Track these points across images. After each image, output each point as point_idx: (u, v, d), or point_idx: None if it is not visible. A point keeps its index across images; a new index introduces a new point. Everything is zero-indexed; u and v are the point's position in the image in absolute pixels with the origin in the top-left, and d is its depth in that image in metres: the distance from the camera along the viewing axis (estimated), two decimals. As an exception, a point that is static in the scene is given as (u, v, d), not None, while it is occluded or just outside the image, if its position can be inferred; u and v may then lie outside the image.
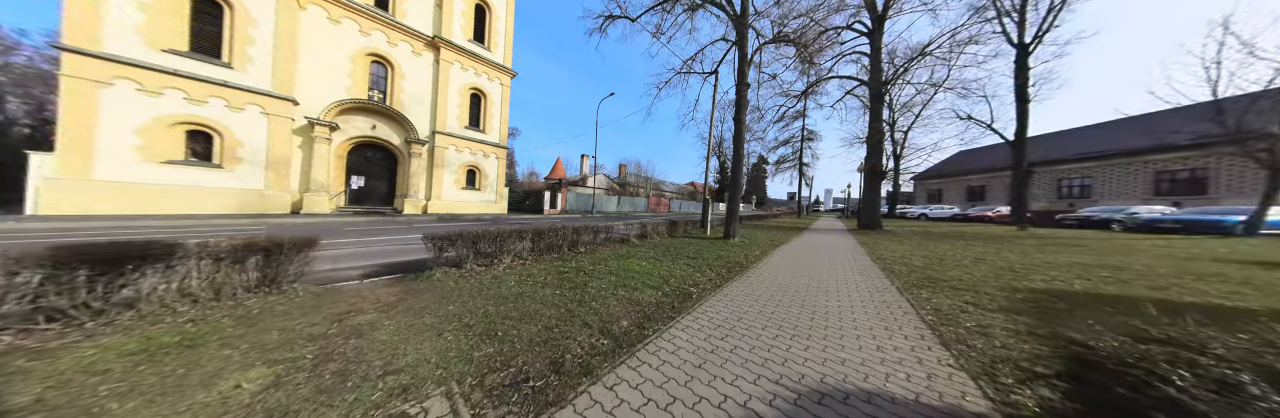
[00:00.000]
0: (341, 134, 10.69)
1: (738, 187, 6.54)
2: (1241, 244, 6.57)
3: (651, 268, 3.56)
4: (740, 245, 5.80)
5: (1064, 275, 3.61)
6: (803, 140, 27.42)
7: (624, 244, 5.42)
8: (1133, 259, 4.81)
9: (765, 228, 11.00)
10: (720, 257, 4.53)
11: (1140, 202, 14.41)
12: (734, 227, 6.57)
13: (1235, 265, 4.31)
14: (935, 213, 19.20)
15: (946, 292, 2.86)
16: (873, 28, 11.15)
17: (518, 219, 12.67)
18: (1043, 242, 7.21)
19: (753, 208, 46.42)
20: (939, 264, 4.26)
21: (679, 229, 7.44)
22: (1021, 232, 9.90)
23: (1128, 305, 2.43)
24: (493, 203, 15.65)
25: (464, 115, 14.10)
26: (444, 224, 8.95)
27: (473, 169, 14.84)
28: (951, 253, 5.37)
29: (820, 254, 5.12)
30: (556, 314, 2.02)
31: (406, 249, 4.47)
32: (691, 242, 6.07)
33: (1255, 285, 3.16)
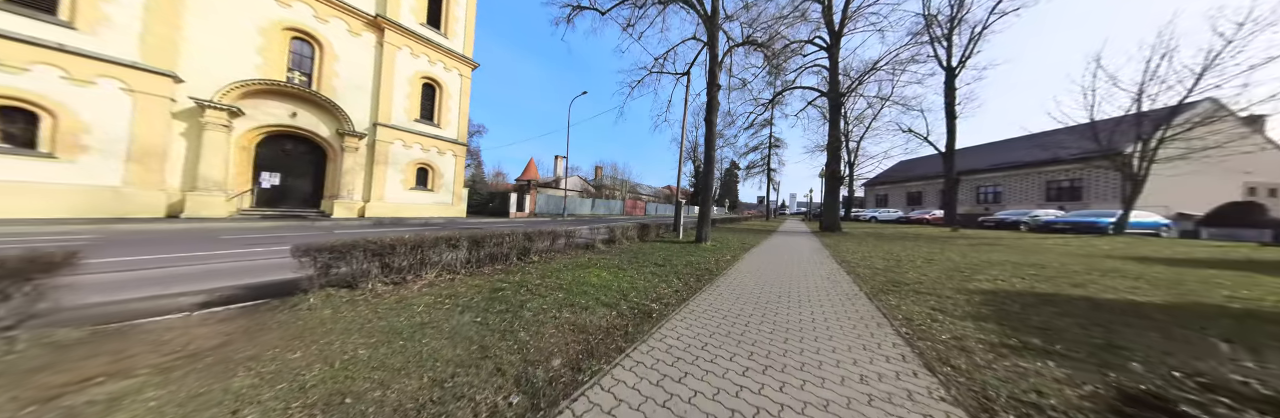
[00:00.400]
0: (248, 121, 8.85)
1: (710, 189, 6.37)
2: (1116, 242, 7.87)
3: (611, 280, 3.10)
4: (712, 250, 5.58)
5: (1002, 274, 3.90)
6: (770, 147, 29.07)
7: (588, 251, 4.91)
8: (1047, 257, 5.42)
9: (737, 231, 11.14)
10: (690, 263, 4.21)
11: (1036, 206, 17.14)
12: (706, 230, 6.36)
13: (1121, 261, 5.03)
14: (883, 216, 21.21)
15: (912, 297, 2.80)
16: (831, 43, 12.03)
17: (474, 223, 11.48)
18: (973, 242, 8.04)
19: (726, 211, 48.03)
20: (897, 266, 4.37)
21: (651, 233, 7.09)
22: (954, 232, 11.08)
23: (1065, 305, 2.61)
24: (449, 205, 14.11)
25: (414, 107, 12.61)
26: (374, 229, 7.67)
27: (424, 167, 13.28)
28: (904, 254, 5.66)
29: (789, 258, 5.05)
30: (461, 355, 1.48)
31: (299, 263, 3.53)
32: (662, 247, 5.73)
33: (1148, 280, 3.63)
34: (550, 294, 2.51)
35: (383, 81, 11.39)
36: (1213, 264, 4.95)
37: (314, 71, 10.09)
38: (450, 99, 13.85)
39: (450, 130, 14.03)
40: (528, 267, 3.53)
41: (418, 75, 12.57)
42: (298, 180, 10.33)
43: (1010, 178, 18.87)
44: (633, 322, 2.03)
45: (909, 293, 2.94)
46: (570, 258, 4.18)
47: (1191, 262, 5.16)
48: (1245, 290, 3.23)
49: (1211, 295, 3.05)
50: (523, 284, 2.76)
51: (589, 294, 2.55)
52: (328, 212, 10.42)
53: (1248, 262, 5.22)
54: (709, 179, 6.37)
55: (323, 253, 2.20)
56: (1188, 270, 4.33)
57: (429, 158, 13.27)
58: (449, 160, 14.06)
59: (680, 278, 3.34)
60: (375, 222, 9.51)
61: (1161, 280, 3.63)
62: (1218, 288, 3.32)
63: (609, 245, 5.49)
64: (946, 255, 5.52)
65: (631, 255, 4.63)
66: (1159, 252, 6.27)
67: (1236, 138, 8.21)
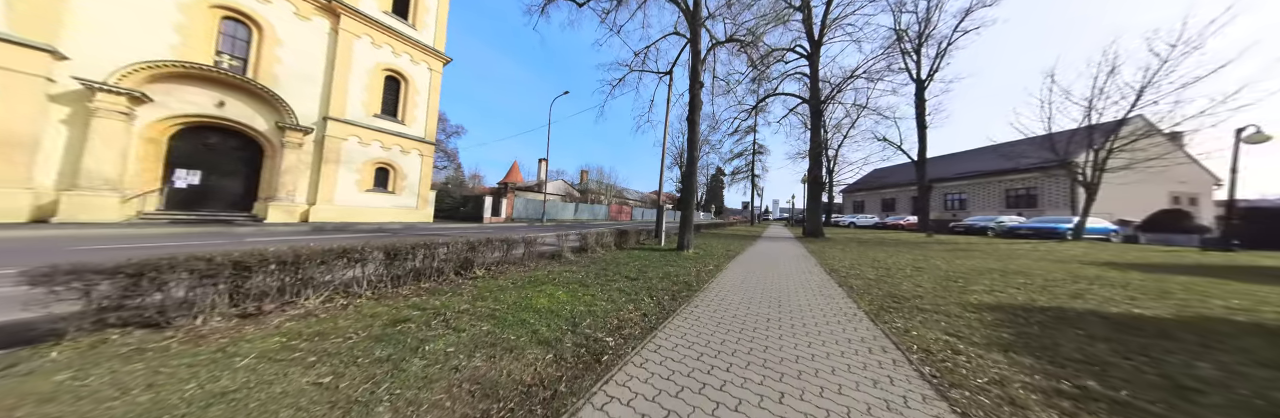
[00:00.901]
0: (158, 109, 7.55)
1: (693, 193, 5.93)
2: (1078, 247, 8.18)
3: (567, 301, 2.49)
4: (694, 259, 5.08)
5: (996, 284, 3.70)
6: (754, 153, 29.70)
7: (553, 262, 4.26)
8: (1024, 264, 5.38)
9: (722, 236, 10.82)
10: (668, 276, 3.67)
11: (998, 212, 18.20)
12: (689, 237, 5.88)
13: (1096, 267, 5.04)
14: (861, 222, 21.84)
15: (918, 317, 2.42)
16: (811, 51, 12.29)
17: (436, 229, 10.43)
18: (950, 248, 8.10)
19: (712, 216, 48.41)
20: (889, 276, 4.07)
21: (630, 240, 6.52)
22: (929, 238, 11.31)
23: (1081, 323, 2.33)
24: (413, 209, 12.88)
25: (374, 101, 11.53)
26: (303, 236, 6.60)
27: (385, 167, 12.09)
28: (891, 261, 5.46)
29: (776, 268, 4.64)
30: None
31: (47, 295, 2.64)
32: (641, 255, 5.17)
33: (1136, 289, 3.53)
34: (472, 327, 1.86)
35: (337, 72, 10.30)
36: (1176, 269, 5.05)
37: (250, 56, 8.91)
38: (417, 94, 12.84)
39: (416, 128, 12.95)
40: (466, 284, 2.85)
41: (379, 67, 11.55)
42: (225, 180, 8.95)
43: (974, 186, 20.04)
44: (573, 370, 1.44)
45: (912, 311, 2.55)
46: (526, 272, 3.52)
47: (1157, 267, 5.26)
48: (1235, 300, 3.14)
49: (1209, 307, 2.90)
50: (443, 311, 2.09)
51: (527, 325, 1.93)
52: (260, 216, 9.06)
53: (1202, 266, 5.40)
54: (692, 182, 5.94)
55: (98, 278, 1.44)
56: (1162, 277, 4.33)
57: (390, 157, 12.11)
58: (414, 160, 12.92)
59: (653, 296, 2.78)
60: (314, 228, 8.29)
61: (1148, 289, 3.55)
62: (1207, 297, 3.23)
63: (580, 255, 4.86)
64: (932, 263, 5.36)
65: (602, 267, 4.03)
66: (1121, 257, 6.47)
67: (1169, 151, 8.90)
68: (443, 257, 2.93)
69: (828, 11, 11.90)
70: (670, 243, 6.76)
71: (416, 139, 12.85)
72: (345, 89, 10.57)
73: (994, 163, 19.36)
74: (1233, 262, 5.88)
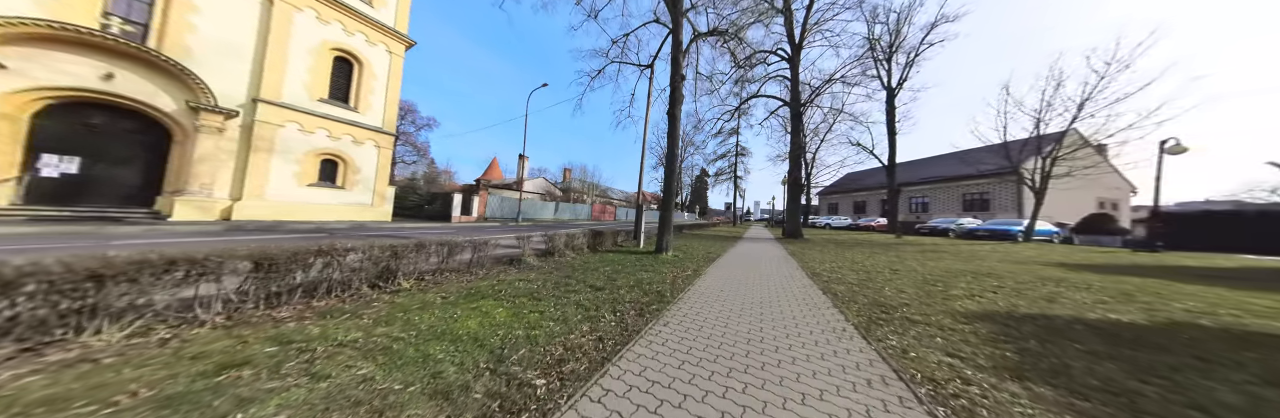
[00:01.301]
0: (17, 79, 6.05)
1: (672, 192, 5.55)
2: (1029, 248, 8.72)
3: (504, 321, 1.99)
4: (672, 262, 4.70)
5: (974, 288, 3.67)
6: (737, 155, 30.19)
7: (510, 268, 3.70)
8: (991, 265, 5.53)
9: (704, 237, 10.62)
10: (640, 283, 3.25)
11: (956, 215, 19.56)
12: (668, 238, 5.49)
13: (1055, 269, 5.24)
14: (836, 223, 22.73)
15: (910, 330, 2.21)
16: (792, 55, 12.45)
17: (392, 229, 9.39)
18: (920, 249, 8.35)
19: (696, 217, 48.81)
20: (871, 280, 3.93)
21: (606, 241, 6.03)
22: (898, 239, 11.77)
23: (1070, 332, 2.21)
24: (367, 207, 11.56)
25: (320, 84, 10.20)
26: (212, 238, 5.53)
27: (333, 159, 10.74)
28: (869, 263, 5.42)
29: (757, 272, 4.37)
30: None
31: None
32: (615, 259, 4.71)
33: (1098, 291, 3.61)
34: (344, 371, 1.32)
35: (272, 48, 8.95)
36: (1120, 269, 5.36)
37: (153, 22, 7.45)
38: (374, 79, 11.55)
39: (372, 116, 11.65)
40: (382, 301, 2.26)
41: (327, 46, 10.23)
42: (115, 169, 7.42)
43: (936, 190, 21.44)
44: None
45: (903, 323, 2.31)
46: (470, 282, 2.95)
47: (1103, 267, 5.56)
48: (1190, 302, 3.24)
49: (1171, 310, 2.96)
50: (314, 345, 1.52)
51: (429, 363, 1.42)
52: (164, 212, 7.61)
53: (1140, 266, 5.80)
54: (672, 180, 5.56)
55: None
56: (1116, 278, 4.52)
57: (340, 148, 10.77)
58: (369, 152, 11.61)
59: (617, 311, 2.34)
60: (229, 227, 7.04)
61: (1110, 291, 3.65)
62: (1164, 299, 3.33)
63: (545, 259, 4.31)
64: (907, 265, 5.35)
65: (567, 274, 3.53)
66: (1069, 258, 6.89)
67: (1100, 161, 9.80)
68: (351, 266, 2.31)
69: (808, 16, 12.11)
70: (649, 245, 6.35)
71: (372, 129, 11.55)
72: (282, 68, 9.21)
73: (953, 169, 20.83)
74: (1162, 262, 6.40)
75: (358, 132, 11.14)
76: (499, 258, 4.01)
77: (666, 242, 5.46)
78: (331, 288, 2.23)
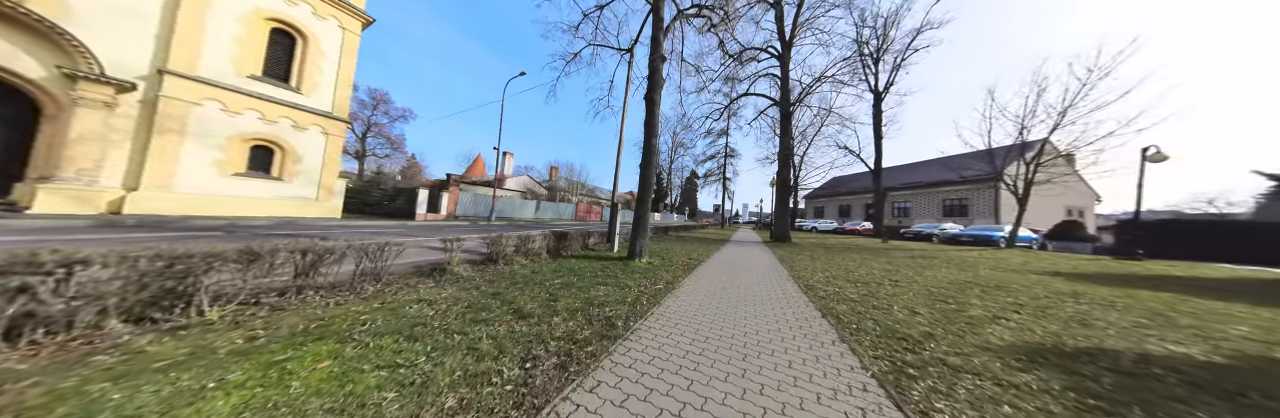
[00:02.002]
0: None
1: (650, 188, 4.79)
2: (1016, 255, 8.54)
3: (300, 396, 1.11)
4: (644, 271, 3.94)
5: (993, 307, 3.09)
6: (726, 156, 29.96)
7: (427, 280, 2.82)
8: (992, 274, 5.14)
9: (689, 240, 9.97)
10: (590, 304, 2.47)
11: (936, 220, 19.92)
12: (642, 243, 4.72)
13: (1056, 279, 4.87)
14: (822, 226, 22.77)
15: (960, 388, 1.55)
16: (782, 52, 12.07)
17: (334, 226, 8.18)
18: (910, 254, 8.01)
19: (685, 218, 48.45)
20: (873, 295, 3.35)
21: (573, 245, 5.20)
22: (885, 244, 11.53)
23: (1151, 380, 1.59)
24: (310, 201, 10.17)
25: (251, 58, 8.82)
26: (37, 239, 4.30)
27: (268, 146, 9.34)
28: (863, 271, 4.91)
29: (743, 283, 3.68)
30: None
31: None
32: (576, 267, 3.91)
33: (1125, 309, 3.15)
34: None
35: (184, 11, 7.55)
36: (1121, 280, 5.05)
37: (16, -33, 6.01)
38: (322, 57, 10.21)
39: (319, 99, 10.29)
40: (126, 346, 1.34)
41: (260, 15, 8.86)
42: (-44, 147, 5.89)
43: (917, 195, 21.83)
44: None
45: (940, 370, 1.68)
46: (337, 307, 2.05)
47: (1101, 277, 5.25)
48: (1239, 326, 2.79)
49: (1228, 337, 2.48)
50: None
51: None
52: (21, 203, 6.13)
53: (1137, 277, 5.55)
54: (649, 174, 4.80)
55: None
56: (1129, 292, 4.14)
57: (277, 133, 9.38)
58: (314, 140, 10.23)
59: (528, 360, 1.54)
60: (98, 223, 5.67)
61: (1138, 310, 3.18)
62: (1207, 321, 2.87)
63: (482, 268, 3.44)
64: (904, 273, 4.85)
65: (497, 290, 2.70)
66: (1058, 265, 6.67)
67: (1079, 168, 9.87)
68: (93, 289, 1.39)
69: (799, 12, 11.77)
70: (624, 249, 5.57)
71: (318, 113, 10.19)
72: (198, 36, 7.82)
73: (934, 175, 21.29)
74: (1153, 272, 6.22)
75: (300, 115, 9.77)
76: (419, 268, 3.11)
77: (641, 246, 4.68)
78: (41, 326, 1.30)
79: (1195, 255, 8.61)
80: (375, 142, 33.94)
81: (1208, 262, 7.94)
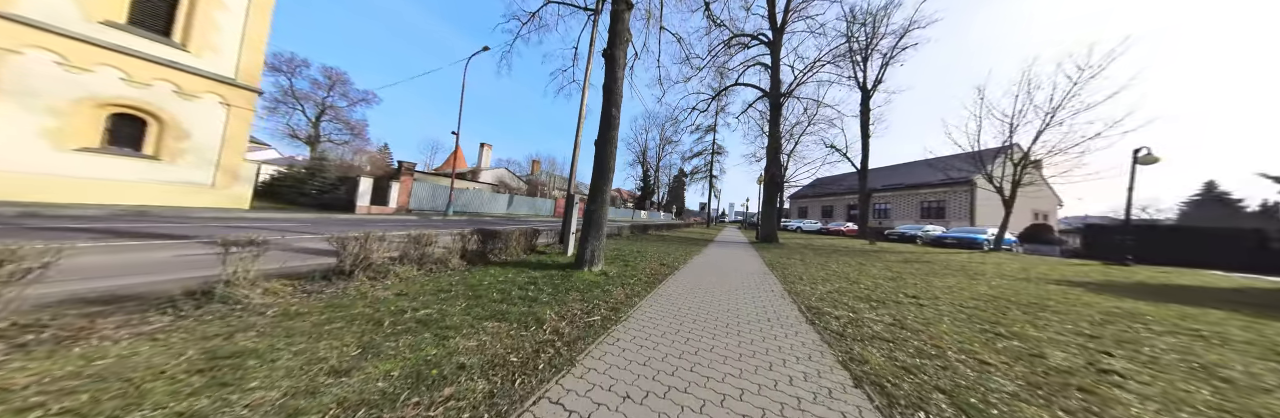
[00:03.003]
0: None
1: (608, 172, 3.63)
2: (1008, 260, 8.08)
3: None
4: (587, 289, 2.81)
5: (1056, 338, 2.23)
6: (713, 153, 29.30)
7: (155, 316, 1.50)
8: (1006, 284, 4.46)
9: (670, 240, 8.94)
10: (419, 380, 1.24)
11: (914, 221, 20.14)
12: (596, 246, 3.58)
13: (1080, 291, 4.20)
14: (806, 226, 22.57)
15: None
16: (774, 39, 11.23)
17: (209, 219, 6.46)
18: (903, 257, 7.40)
19: (671, 217, 47.76)
20: (902, 323, 2.39)
21: (512, 247, 3.98)
22: (873, 245, 11.06)
23: None
24: (204, 187, 8.21)
25: (110, 1, 6.79)
26: None
27: (136, 115, 7.34)
28: (866, 281, 4.07)
29: (725, 306, 2.67)
30: None
31: None
32: (486, 282, 2.74)
33: (1189, 333, 2.41)
34: None
35: (-10, -80, 5.52)
36: (1146, 292, 4.46)
37: None
38: (220, 9, 8.17)
39: (217, 60, 8.28)
40: None
41: (125, -57, 6.84)
42: None
43: (896, 197, 22.04)
44: None
45: None
46: None
47: (1112, 287, 4.68)
48: None
49: None
50: None
51: None
52: None
53: (1147, 287, 5.06)
54: (607, 154, 3.63)
55: None
56: (1169, 307, 3.47)
57: (150, 100, 7.37)
58: (209, 111, 8.24)
59: None
60: None
61: (1214, 337, 2.42)
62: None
63: (327, 284, 2.15)
64: (915, 285, 4.04)
65: (252, 341, 1.44)
66: (1059, 271, 6.21)
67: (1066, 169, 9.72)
68: None
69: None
70: None
71: (215, 78, 8.19)
72: (13, -42, 5.79)
73: (914, 177, 21.55)
74: (1160, 280, 5.81)
75: (186, 79, 7.78)
76: (190, 290, 1.80)
77: (593, 251, 3.53)
78: None
79: (1174, 261, 8.57)
80: (332, 127, 30.61)
81: (1189, 268, 7.85)
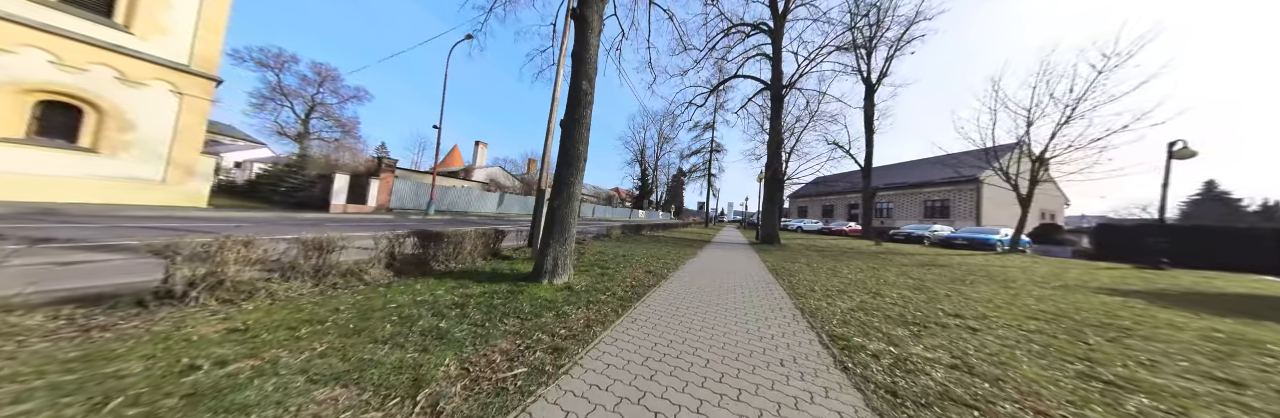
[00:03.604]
0: None
1: (575, 160, 2.94)
2: (1037, 264, 7.27)
3: None
4: (538, 313, 2.13)
5: (1126, 365, 1.56)
6: (711, 151, 28.66)
7: None
8: (1055, 296, 3.77)
9: (663, 241, 8.28)
10: None
11: (917, 221, 19.51)
12: (560, 252, 2.88)
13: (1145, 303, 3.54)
14: (807, 226, 21.94)
15: None
16: (775, 27, 10.59)
17: (148, 217, 5.75)
18: (918, 262, 6.74)
19: (670, 216, 47.06)
20: (966, 365, 1.72)
21: (464, 252, 3.28)
22: (879, 247, 10.41)
23: None
24: (154, 184, 7.49)
25: (39, -27, 6.06)
26: None
27: (69, 103, 6.60)
28: (898, 297, 3.34)
29: (719, 337, 1.99)
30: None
31: None
32: (412, 301, 2.07)
33: None
34: None
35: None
36: (1200, 303, 3.82)
37: None
38: (171, -13, 7.48)
39: (168, 45, 7.55)
40: None
41: (52, -91, 6.11)
42: None
43: (898, 196, 21.42)
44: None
45: None
46: None
47: (1185, 300, 4.01)
48: None
49: None
50: None
51: None
52: None
53: (1209, 296, 4.40)
54: (574, 137, 2.94)
55: None
56: (1259, 327, 2.79)
57: (86, 86, 6.65)
58: (159, 101, 7.52)
59: None
60: None
61: None
62: None
63: (154, 310, 1.46)
64: (951, 298, 3.41)
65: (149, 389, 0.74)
66: (1098, 277, 5.55)
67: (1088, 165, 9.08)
68: None
69: (795, -20, 10.31)
70: (577, 259, 3.69)
71: (165, 64, 7.46)
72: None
73: (916, 176, 20.92)
74: (1217, 287, 5.15)
75: (130, 64, 7.05)
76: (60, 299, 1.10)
77: (554, 259, 2.83)
78: None
79: (1199, 263, 7.89)
80: (323, 124, 29.87)
81: (1223, 271, 7.20)
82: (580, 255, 4.68)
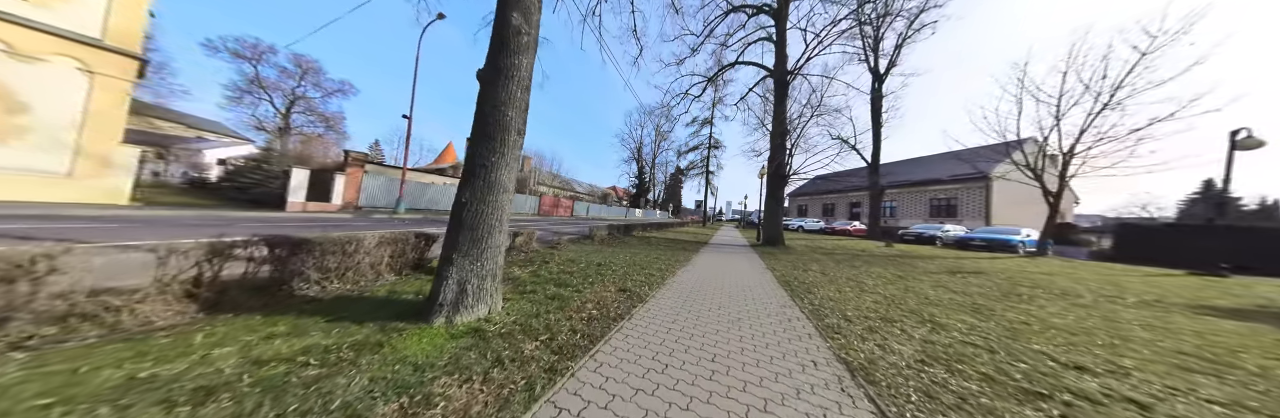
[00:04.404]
0: None
1: (504, 128, 2.00)
2: (1083, 270, 6.43)
3: None
4: (389, 391, 1.15)
5: None
6: (709, 148, 27.69)
7: None
8: (1149, 319, 2.85)
9: (654, 244, 7.34)
10: None
11: (923, 220, 18.72)
12: (471, 272, 1.91)
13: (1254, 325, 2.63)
14: (809, 225, 21.12)
15: None
16: (778, 7, 9.63)
17: None
18: (945, 268, 5.84)
19: (667, 215, 46.14)
20: None
21: (363, 265, 2.33)
22: (890, 248, 9.56)
23: None
24: (60, 178, 6.43)
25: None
26: None
27: (-57, 80, 5.49)
28: (949, 319, 2.40)
29: (721, 408, 0.93)
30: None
31: None
32: (174, 374, 1.11)
33: None
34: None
35: None
36: None
37: None
38: (73, -55, 6.36)
39: (74, 15, 6.44)
40: None
41: None
42: None
43: (903, 194, 20.61)
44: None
45: None
46: None
47: (1263, 315, 3.15)
48: None
49: None
50: None
51: None
52: None
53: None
54: (500, 101, 1.99)
55: None
56: None
57: (-35, 60, 5.55)
58: (63, 80, 6.42)
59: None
60: None
61: None
62: None
63: None
64: (1007, 317, 2.53)
65: None
66: (1162, 288, 4.68)
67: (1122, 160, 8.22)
68: None
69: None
70: (546, 263, 2.69)
71: (69, 37, 6.35)
72: None
73: (921, 173, 20.13)
74: None
75: (21, 35, 5.94)
76: None
77: (462, 284, 1.80)
78: None
79: (1265, 270, 7.07)
80: (305, 119, 28.53)
81: (1259, 276, 6.36)
82: (543, 264, 3.73)
